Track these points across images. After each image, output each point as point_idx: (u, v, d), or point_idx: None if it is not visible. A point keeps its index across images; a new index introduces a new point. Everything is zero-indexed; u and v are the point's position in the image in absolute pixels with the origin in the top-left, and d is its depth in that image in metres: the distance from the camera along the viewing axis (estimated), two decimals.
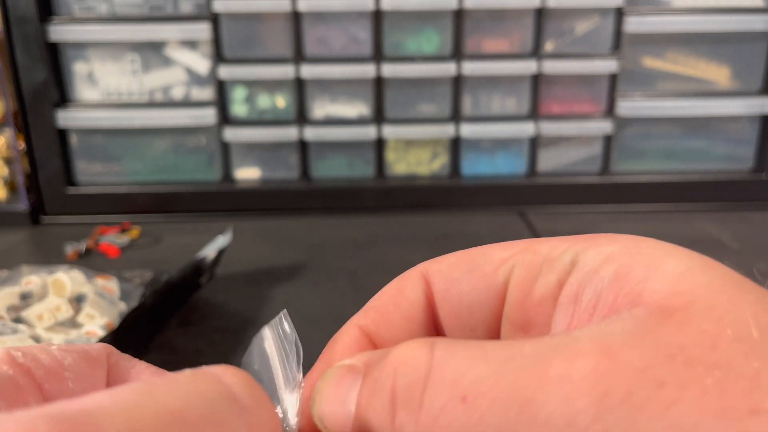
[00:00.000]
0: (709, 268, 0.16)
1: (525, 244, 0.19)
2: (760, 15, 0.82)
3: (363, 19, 0.83)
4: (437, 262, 0.21)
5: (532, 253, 0.19)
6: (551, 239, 0.19)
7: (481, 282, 0.20)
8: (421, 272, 0.21)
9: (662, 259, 0.16)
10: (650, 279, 0.16)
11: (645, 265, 0.16)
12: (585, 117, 0.87)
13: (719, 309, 0.14)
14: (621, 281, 0.16)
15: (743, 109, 0.86)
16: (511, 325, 0.19)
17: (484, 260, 0.20)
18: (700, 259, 0.16)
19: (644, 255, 0.17)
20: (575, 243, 0.18)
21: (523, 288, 0.19)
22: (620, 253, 0.17)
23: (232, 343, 0.56)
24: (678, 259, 0.16)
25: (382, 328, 0.20)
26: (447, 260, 0.21)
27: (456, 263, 0.20)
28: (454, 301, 0.20)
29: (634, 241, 0.17)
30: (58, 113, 0.83)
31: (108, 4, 0.81)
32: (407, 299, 0.21)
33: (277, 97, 0.86)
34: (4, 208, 0.85)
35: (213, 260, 0.64)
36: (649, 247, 0.17)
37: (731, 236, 0.78)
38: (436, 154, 0.89)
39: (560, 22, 0.83)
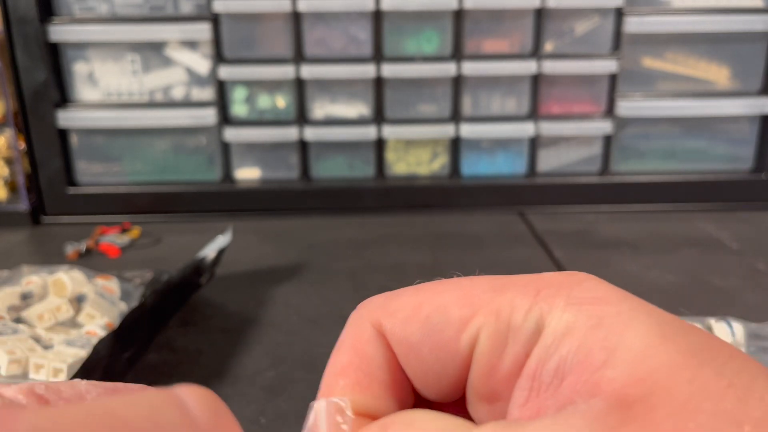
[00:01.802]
0: (668, 340, 0.15)
1: (485, 297, 0.18)
2: (760, 15, 0.82)
3: (363, 20, 0.83)
4: (389, 316, 0.19)
5: (495, 317, 0.18)
6: (511, 287, 0.18)
7: (443, 350, 0.18)
8: (375, 328, 0.19)
9: (622, 335, 0.16)
10: (608, 364, 0.15)
11: (603, 345, 0.16)
12: (585, 117, 0.87)
13: (679, 397, 0.14)
14: (581, 365, 0.16)
15: (743, 110, 0.86)
16: (475, 394, 0.19)
17: (443, 322, 0.18)
18: (661, 329, 0.16)
19: (604, 329, 0.16)
20: (536, 299, 0.17)
21: (488, 362, 0.18)
22: (581, 325, 0.16)
23: (232, 343, 0.56)
24: (637, 333, 0.15)
25: (368, 404, 0.19)
26: (398, 314, 0.19)
27: (409, 320, 0.19)
28: (416, 366, 0.19)
29: (594, 307, 0.17)
30: (59, 113, 0.83)
31: (108, 5, 0.81)
32: (375, 365, 0.19)
33: (277, 98, 0.86)
34: (5, 208, 0.85)
35: (213, 260, 0.64)
36: (608, 315, 0.16)
37: (731, 236, 0.78)
38: (436, 154, 0.89)
39: (560, 23, 0.83)
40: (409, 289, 0.19)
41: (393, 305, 0.19)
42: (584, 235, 0.79)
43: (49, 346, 0.49)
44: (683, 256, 0.73)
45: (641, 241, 0.77)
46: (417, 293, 0.19)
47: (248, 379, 0.51)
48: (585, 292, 0.17)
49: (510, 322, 0.17)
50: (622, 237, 0.78)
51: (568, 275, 0.18)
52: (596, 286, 0.17)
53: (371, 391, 0.19)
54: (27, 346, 0.48)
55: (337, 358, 0.20)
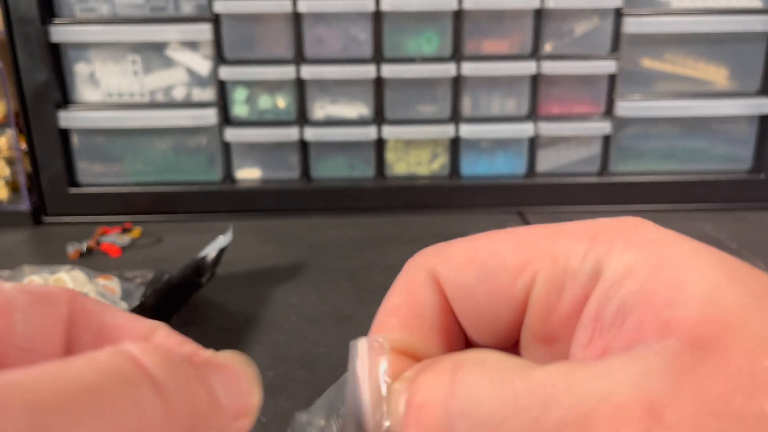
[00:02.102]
0: (737, 281, 0.15)
1: (540, 244, 0.18)
2: (759, 16, 0.82)
3: (363, 20, 0.83)
4: (444, 261, 0.19)
5: (552, 262, 0.18)
6: (566, 233, 0.18)
7: (498, 294, 0.18)
8: (429, 273, 0.20)
9: (687, 274, 0.15)
10: (676, 303, 0.15)
11: (668, 283, 0.15)
12: (584, 117, 0.87)
13: (752, 336, 0.14)
14: (645, 304, 0.15)
15: (742, 110, 0.87)
16: (532, 336, 0.19)
17: (498, 267, 0.18)
18: (727, 270, 0.15)
19: (667, 269, 0.16)
20: (594, 244, 0.17)
21: (546, 305, 0.18)
22: (642, 264, 0.16)
23: (232, 343, 0.56)
24: (703, 274, 0.15)
25: (416, 344, 0.19)
26: (454, 260, 0.19)
27: (465, 265, 0.19)
28: (470, 310, 0.19)
29: (655, 247, 0.16)
30: (60, 114, 0.83)
31: (109, 5, 0.82)
32: (426, 308, 0.19)
33: (277, 98, 0.86)
34: (6, 209, 0.85)
35: (213, 260, 0.64)
36: (671, 255, 0.16)
37: (730, 236, 0.79)
38: (435, 154, 0.89)
39: (559, 23, 0.84)
40: (464, 239, 0.20)
41: (448, 252, 0.20)
42: None
43: None
44: None
45: None
46: (472, 241, 0.19)
47: None
48: (643, 235, 0.17)
49: (567, 266, 0.17)
50: None
51: (623, 220, 0.18)
52: (654, 229, 0.17)
53: (420, 332, 0.19)
54: None
55: (389, 300, 0.20)
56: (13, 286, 0.17)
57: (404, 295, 0.20)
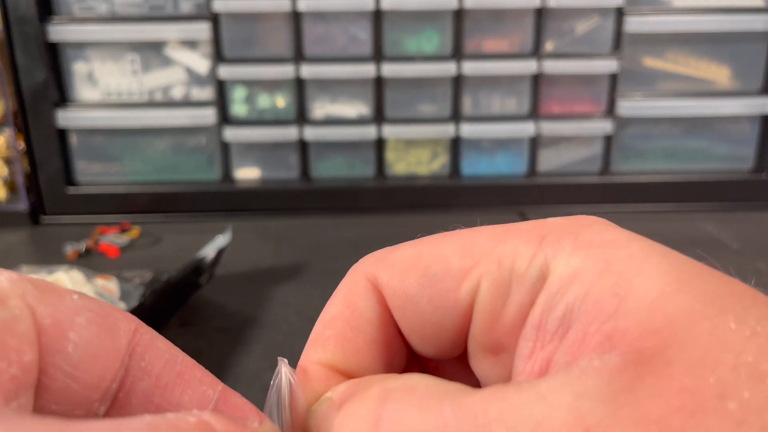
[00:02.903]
0: (686, 285, 0.14)
1: (486, 246, 0.17)
2: (760, 15, 0.82)
3: (363, 19, 0.82)
4: (386, 268, 0.18)
5: (497, 265, 0.17)
6: (513, 234, 0.17)
7: (442, 300, 0.17)
8: (369, 281, 0.19)
9: (633, 280, 0.14)
10: (620, 313, 0.14)
11: (614, 290, 0.14)
12: (585, 117, 0.87)
13: (697, 349, 0.13)
14: (590, 313, 0.15)
15: (743, 109, 0.86)
16: (479, 345, 0.18)
17: (442, 272, 0.17)
18: (677, 273, 0.15)
19: (614, 273, 0.15)
20: (542, 245, 0.16)
21: (491, 311, 0.17)
22: (589, 269, 0.15)
23: (232, 343, 0.55)
24: (650, 279, 0.14)
25: (349, 359, 0.19)
26: (396, 266, 0.18)
27: (407, 272, 0.18)
28: (413, 319, 0.18)
29: (603, 250, 0.15)
30: (58, 113, 0.83)
31: (108, 4, 0.81)
32: (364, 319, 0.19)
33: (277, 97, 0.86)
34: (4, 208, 0.85)
35: (213, 260, 0.64)
36: (620, 259, 0.15)
37: (731, 236, 0.78)
38: (436, 154, 0.89)
39: (560, 22, 0.83)
40: (409, 243, 0.19)
41: (391, 258, 0.19)
42: None
43: None
44: None
45: None
46: (416, 245, 0.18)
47: (248, 379, 0.51)
48: (593, 236, 0.16)
49: (513, 270, 0.16)
50: None
51: (573, 219, 0.17)
52: (605, 229, 0.16)
53: (355, 346, 0.19)
54: None
55: (327, 310, 0.19)
56: (80, 296, 0.16)
57: (342, 305, 0.19)
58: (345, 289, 0.19)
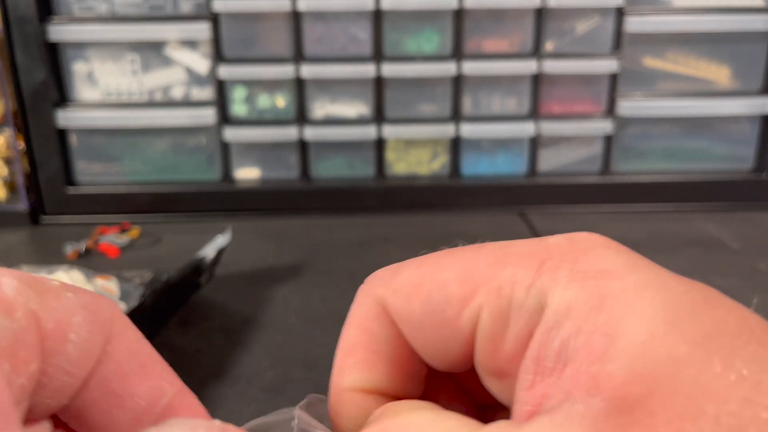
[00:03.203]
0: (675, 327, 0.14)
1: (487, 273, 0.17)
2: (761, 15, 0.82)
3: (363, 19, 0.82)
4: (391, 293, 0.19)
5: (496, 294, 0.17)
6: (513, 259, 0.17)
7: (445, 329, 0.18)
8: (379, 305, 0.19)
9: (624, 319, 0.14)
10: (608, 355, 0.14)
11: (605, 329, 0.14)
12: (585, 117, 0.87)
13: (681, 398, 0.13)
14: (582, 352, 0.14)
15: (743, 109, 0.86)
16: (483, 369, 0.18)
17: (443, 300, 0.18)
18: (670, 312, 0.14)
19: (606, 311, 0.15)
20: (540, 272, 0.16)
21: (491, 341, 0.17)
22: (582, 304, 0.15)
23: (231, 343, 0.55)
24: (641, 319, 0.14)
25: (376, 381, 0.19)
26: (401, 291, 0.19)
27: (411, 297, 0.18)
28: (421, 342, 0.19)
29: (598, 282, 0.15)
30: (58, 113, 0.83)
31: (108, 4, 0.81)
32: (382, 342, 0.19)
33: (277, 97, 0.86)
34: (4, 208, 0.85)
35: (213, 260, 0.64)
36: (614, 294, 0.15)
37: (732, 236, 0.78)
38: (436, 154, 0.89)
39: (560, 22, 0.83)
40: (413, 263, 0.19)
41: (396, 282, 0.19)
42: None
43: None
44: (684, 256, 0.73)
45: (642, 241, 0.77)
46: (419, 267, 0.19)
47: (247, 379, 0.51)
48: (591, 263, 0.16)
49: (512, 299, 0.17)
50: (622, 237, 0.78)
51: (574, 241, 0.17)
52: (603, 255, 0.16)
53: (378, 369, 0.19)
54: None
55: (346, 337, 0.20)
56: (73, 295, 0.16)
57: (359, 331, 0.20)
58: (358, 315, 0.20)
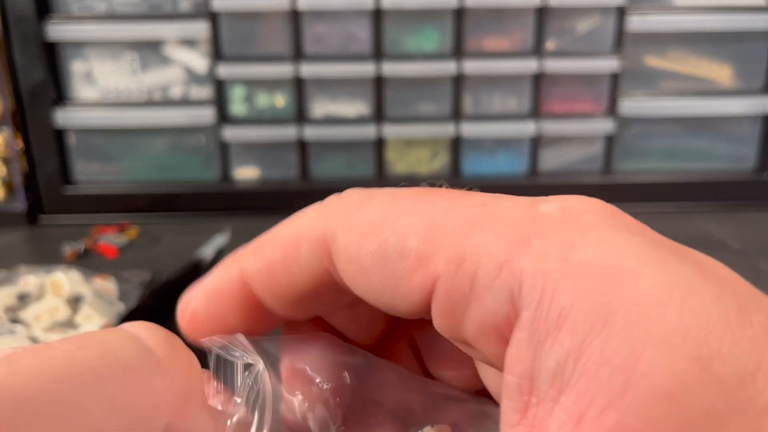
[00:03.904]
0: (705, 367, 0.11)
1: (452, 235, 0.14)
2: (762, 14, 0.82)
3: (363, 18, 0.82)
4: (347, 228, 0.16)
5: (457, 266, 0.14)
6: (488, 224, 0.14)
7: (395, 283, 0.15)
8: (323, 240, 0.16)
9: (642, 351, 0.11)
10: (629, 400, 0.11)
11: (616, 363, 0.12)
12: (586, 116, 0.86)
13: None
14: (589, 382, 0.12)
15: (745, 109, 0.86)
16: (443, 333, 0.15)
17: (398, 253, 0.14)
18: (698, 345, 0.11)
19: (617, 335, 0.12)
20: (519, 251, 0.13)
21: (449, 316, 0.14)
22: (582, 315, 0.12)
23: None
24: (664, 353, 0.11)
25: (267, 291, 0.17)
26: (356, 229, 0.15)
27: (366, 238, 0.15)
28: (365, 289, 0.16)
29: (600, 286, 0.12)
30: (56, 112, 0.83)
31: (106, 3, 0.81)
32: (300, 267, 0.16)
33: (276, 96, 0.85)
34: (2, 208, 0.84)
35: (212, 260, 0.64)
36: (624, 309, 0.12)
37: (733, 236, 0.78)
38: (436, 153, 0.88)
39: (561, 21, 0.83)
40: (385, 196, 0.16)
41: (356, 218, 0.16)
42: None
43: None
44: None
45: None
46: (387, 204, 0.15)
47: None
48: (592, 252, 0.13)
49: (475, 277, 0.13)
50: None
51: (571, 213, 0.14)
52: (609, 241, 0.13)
53: (277, 284, 0.17)
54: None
55: (273, 236, 0.18)
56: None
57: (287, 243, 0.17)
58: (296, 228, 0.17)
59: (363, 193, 0.16)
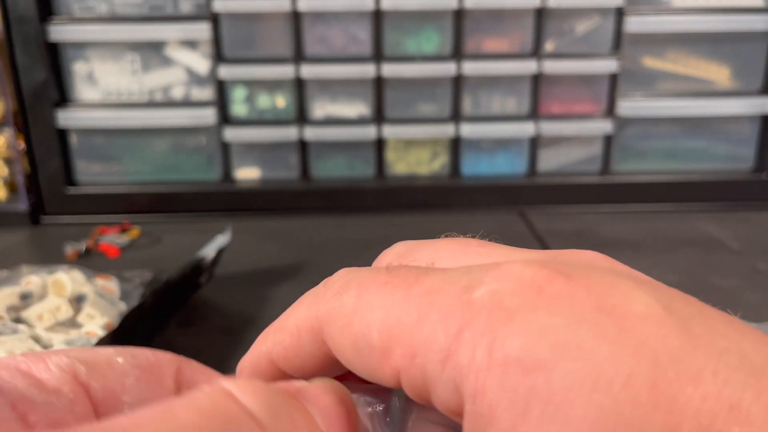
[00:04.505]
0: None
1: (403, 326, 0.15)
2: (761, 15, 0.82)
3: (363, 19, 0.82)
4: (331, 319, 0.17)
5: (410, 361, 0.15)
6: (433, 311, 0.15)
7: (373, 372, 0.16)
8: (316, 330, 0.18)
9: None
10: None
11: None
12: (585, 117, 0.87)
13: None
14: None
15: (743, 109, 0.86)
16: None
17: (365, 346, 0.16)
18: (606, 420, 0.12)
19: (533, 423, 0.13)
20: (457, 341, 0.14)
21: (420, 398, 0.16)
22: (504, 411, 0.13)
23: (231, 343, 0.55)
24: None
25: (290, 370, 0.19)
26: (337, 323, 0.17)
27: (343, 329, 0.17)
28: (353, 368, 0.17)
29: (518, 378, 0.13)
30: (58, 113, 0.83)
31: (108, 4, 0.81)
32: (306, 352, 0.18)
33: (277, 97, 0.86)
34: (4, 208, 0.85)
35: (212, 260, 0.64)
36: (540, 394, 0.13)
37: (732, 236, 0.78)
38: (436, 154, 0.89)
39: (560, 22, 0.83)
40: (357, 286, 0.17)
41: (338, 310, 0.17)
42: (584, 235, 0.79)
43: (49, 346, 0.49)
44: (684, 256, 0.73)
45: (642, 241, 0.77)
46: (359, 296, 0.17)
47: None
48: (512, 341, 0.13)
49: (426, 373, 0.15)
50: (622, 237, 0.78)
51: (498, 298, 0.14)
52: (528, 327, 0.14)
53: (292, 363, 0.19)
54: (26, 347, 0.48)
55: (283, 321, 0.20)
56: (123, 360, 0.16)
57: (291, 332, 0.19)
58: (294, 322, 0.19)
59: (344, 278, 0.18)
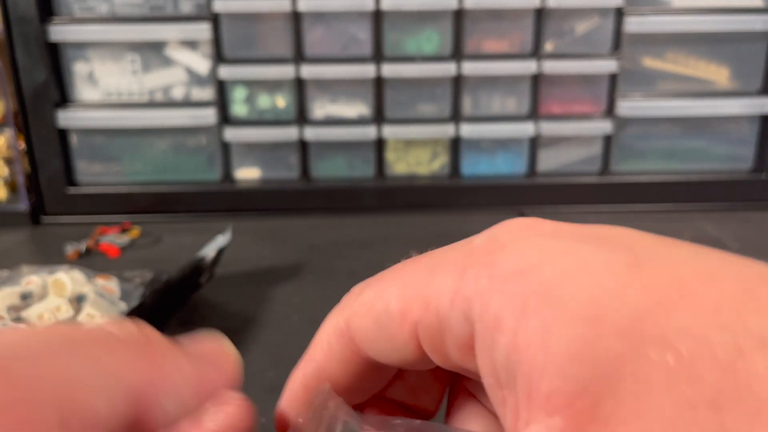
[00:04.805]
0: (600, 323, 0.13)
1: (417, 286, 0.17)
2: (760, 15, 0.82)
3: (363, 19, 0.83)
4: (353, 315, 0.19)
5: (425, 309, 0.17)
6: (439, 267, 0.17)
7: (394, 342, 0.18)
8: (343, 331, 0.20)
9: (551, 325, 0.14)
10: (548, 369, 0.14)
11: (536, 341, 0.14)
12: (585, 117, 0.87)
13: (628, 399, 0.13)
14: (523, 368, 0.14)
15: (743, 109, 0.86)
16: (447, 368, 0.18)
17: (386, 317, 0.18)
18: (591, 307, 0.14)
19: (531, 317, 0.14)
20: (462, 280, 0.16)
21: (436, 350, 0.17)
22: (507, 314, 0.15)
23: (232, 343, 0.56)
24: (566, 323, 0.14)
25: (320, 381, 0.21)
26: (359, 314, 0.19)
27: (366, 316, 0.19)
28: (380, 355, 0.19)
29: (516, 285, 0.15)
30: (59, 113, 0.83)
31: (108, 4, 0.81)
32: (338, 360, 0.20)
33: (277, 97, 0.86)
34: (5, 208, 0.85)
35: (213, 260, 0.64)
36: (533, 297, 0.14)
37: (731, 236, 0.78)
38: (436, 154, 0.89)
39: (560, 22, 0.83)
40: (375, 281, 0.19)
41: (356, 305, 0.19)
42: None
43: None
44: None
45: None
46: (377, 284, 0.19)
47: (248, 379, 0.51)
48: (507, 263, 0.16)
49: (438, 313, 0.17)
50: None
51: (493, 239, 0.17)
52: (519, 250, 0.16)
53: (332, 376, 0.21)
54: None
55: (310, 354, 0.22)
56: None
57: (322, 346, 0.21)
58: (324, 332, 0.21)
59: (363, 284, 0.20)
